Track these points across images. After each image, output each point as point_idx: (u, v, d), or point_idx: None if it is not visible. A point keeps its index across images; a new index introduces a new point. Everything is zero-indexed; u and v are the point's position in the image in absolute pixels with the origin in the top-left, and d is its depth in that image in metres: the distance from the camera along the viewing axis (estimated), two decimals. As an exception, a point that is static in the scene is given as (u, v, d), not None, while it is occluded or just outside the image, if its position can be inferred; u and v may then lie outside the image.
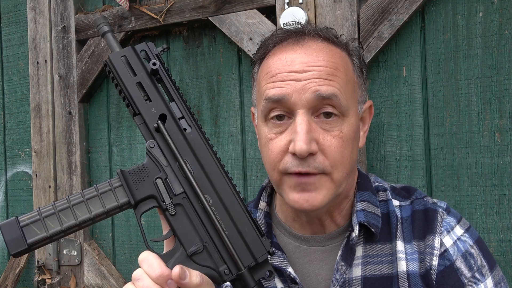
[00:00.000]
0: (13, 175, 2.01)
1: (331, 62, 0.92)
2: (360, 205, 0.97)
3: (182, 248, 0.76)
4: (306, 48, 0.94)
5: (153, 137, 0.79)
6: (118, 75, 0.81)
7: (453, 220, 0.97)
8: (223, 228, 0.77)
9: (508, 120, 1.24)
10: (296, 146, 0.87)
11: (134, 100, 0.80)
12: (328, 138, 0.90)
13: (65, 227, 0.75)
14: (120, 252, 1.78)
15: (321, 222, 0.99)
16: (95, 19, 0.87)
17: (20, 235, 0.73)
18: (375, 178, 1.07)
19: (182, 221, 0.77)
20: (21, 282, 1.95)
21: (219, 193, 0.78)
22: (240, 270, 0.76)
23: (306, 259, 1.00)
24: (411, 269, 0.93)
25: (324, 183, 0.90)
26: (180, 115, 0.81)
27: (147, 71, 0.81)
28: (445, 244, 0.94)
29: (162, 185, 0.78)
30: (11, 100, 2.01)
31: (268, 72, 0.95)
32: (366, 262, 0.95)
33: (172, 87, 0.82)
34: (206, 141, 0.81)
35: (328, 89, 0.89)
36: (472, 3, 1.27)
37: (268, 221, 1.05)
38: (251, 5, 1.47)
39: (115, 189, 0.77)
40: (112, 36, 0.85)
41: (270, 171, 0.95)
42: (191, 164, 0.79)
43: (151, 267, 0.72)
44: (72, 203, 0.76)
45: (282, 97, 0.90)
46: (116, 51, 0.82)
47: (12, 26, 2.01)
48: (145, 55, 0.83)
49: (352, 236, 0.93)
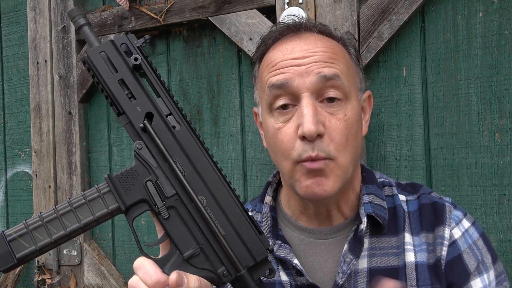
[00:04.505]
0: (13, 175, 2.01)
1: (330, 48, 0.95)
2: (367, 197, 0.98)
3: (178, 252, 0.74)
4: (305, 39, 0.97)
5: (140, 137, 0.75)
6: (98, 73, 0.75)
7: (460, 213, 1.00)
8: (219, 229, 0.74)
9: (508, 120, 1.24)
10: (304, 128, 0.87)
11: (117, 99, 0.75)
12: (334, 121, 0.91)
13: (55, 238, 0.72)
14: (120, 252, 1.78)
15: (328, 213, 0.99)
16: (70, 11, 0.80)
17: (8, 251, 0.70)
18: (380, 174, 1.08)
19: (176, 224, 0.74)
20: (21, 282, 1.95)
21: (213, 192, 0.75)
22: (239, 271, 0.74)
23: (312, 251, 1.00)
24: (419, 259, 0.94)
25: (331, 169, 0.90)
26: (167, 111, 0.76)
27: (129, 66, 0.76)
28: (454, 235, 0.96)
29: (153, 188, 0.74)
30: (11, 100, 2.01)
31: (269, 64, 0.97)
32: (372, 254, 0.96)
33: (157, 82, 0.77)
34: (197, 138, 0.77)
35: (331, 70, 0.91)
36: (472, 3, 1.27)
37: (274, 215, 1.05)
38: (251, 5, 1.47)
39: (103, 195, 0.74)
40: (89, 30, 0.79)
41: (282, 161, 0.94)
42: (182, 164, 0.75)
43: (147, 274, 0.70)
44: (59, 213, 0.72)
45: (286, 82, 0.92)
46: (95, 46, 0.77)
47: (12, 26, 2.01)
48: (126, 48, 0.77)
49: (361, 227, 0.94)
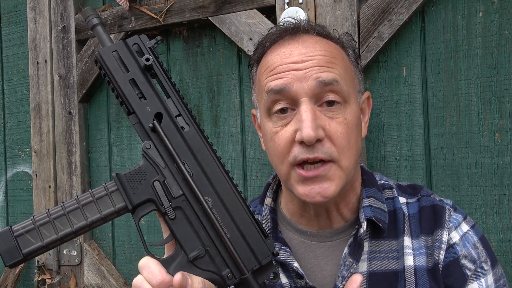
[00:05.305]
0: (13, 175, 2.01)
1: (328, 51, 0.94)
2: (367, 201, 0.98)
3: (183, 252, 0.74)
4: (303, 41, 0.96)
5: (149, 137, 0.75)
6: (109, 72, 0.76)
7: (460, 217, 0.99)
8: (225, 231, 0.74)
9: (508, 120, 1.24)
10: (303, 133, 0.87)
11: (128, 98, 0.76)
12: (334, 124, 0.90)
13: (61, 235, 0.72)
14: (120, 252, 1.78)
15: (328, 215, 0.99)
16: (84, 11, 0.81)
17: (14, 246, 0.70)
18: (380, 176, 1.08)
19: (182, 225, 0.74)
20: (21, 282, 1.95)
21: (220, 194, 0.75)
22: (244, 274, 0.73)
23: (312, 254, 1.00)
24: (418, 263, 0.94)
25: (334, 172, 0.90)
26: (177, 112, 0.77)
27: (140, 66, 0.77)
28: (452, 238, 0.95)
29: (160, 188, 0.74)
30: (11, 100, 2.01)
31: (267, 67, 0.96)
32: (372, 258, 0.96)
33: (168, 82, 0.78)
34: (205, 139, 0.77)
35: (329, 75, 0.91)
36: (472, 3, 1.27)
37: (274, 216, 1.05)
38: (251, 5, 1.47)
39: (111, 194, 0.74)
40: (102, 30, 0.80)
41: (278, 165, 0.94)
42: (190, 165, 0.75)
43: (152, 274, 0.71)
44: (67, 210, 0.73)
45: (284, 87, 0.91)
46: (107, 46, 0.78)
47: (12, 26, 2.01)
48: (138, 49, 0.78)
49: (360, 231, 0.94)
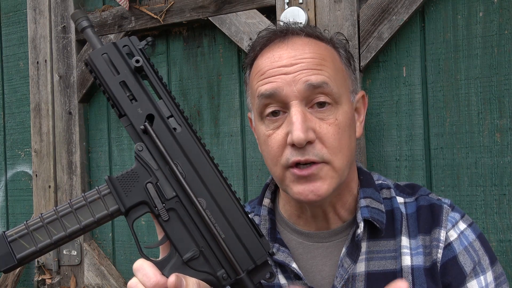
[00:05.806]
0: (13, 175, 2.01)
1: (318, 53, 0.94)
2: (364, 201, 0.98)
3: (177, 254, 0.74)
4: (292, 44, 0.96)
5: (141, 139, 0.75)
6: (100, 75, 0.76)
7: (457, 215, 0.99)
8: (219, 232, 0.74)
9: (508, 120, 1.24)
10: (293, 136, 0.88)
11: (119, 101, 0.76)
12: (324, 126, 0.91)
13: (55, 239, 0.72)
14: (120, 252, 1.78)
15: (325, 216, 0.99)
16: (73, 14, 0.81)
17: (8, 251, 0.71)
18: (378, 176, 1.08)
19: (176, 226, 0.74)
20: (21, 282, 1.95)
21: (213, 195, 0.75)
22: (239, 275, 0.73)
23: (310, 255, 1.00)
24: (415, 263, 0.94)
25: (327, 172, 0.91)
26: (168, 113, 0.77)
27: (131, 68, 0.77)
28: (450, 237, 0.96)
29: (153, 190, 0.74)
30: (11, 100, 2.01)
31: (258, 71, 0.97)
32: (369, 258, 0.96)
33: (159, 83, 0.77)
34: (198, 140, 0.77)
35: (318, 78, 0.91)
36: (472, 3, 1.27)
37: (272, 217, 1.06)
38: (251, 5, 1.47)
39: (104, 197, 0.74)
40: (92, 32, 0.80)
41: (272, 167, 0.95)
42: (182, 166, 0.75)
43: (146, 276, 0.71)
44: (60, 214, 0.73)
45: (274, 91, 0.92)
46: (97, 48, 0.78)
47: (12, 26, 2.01)
48: (129, 51, 0.78)
49: (358, 232, 0.94)
